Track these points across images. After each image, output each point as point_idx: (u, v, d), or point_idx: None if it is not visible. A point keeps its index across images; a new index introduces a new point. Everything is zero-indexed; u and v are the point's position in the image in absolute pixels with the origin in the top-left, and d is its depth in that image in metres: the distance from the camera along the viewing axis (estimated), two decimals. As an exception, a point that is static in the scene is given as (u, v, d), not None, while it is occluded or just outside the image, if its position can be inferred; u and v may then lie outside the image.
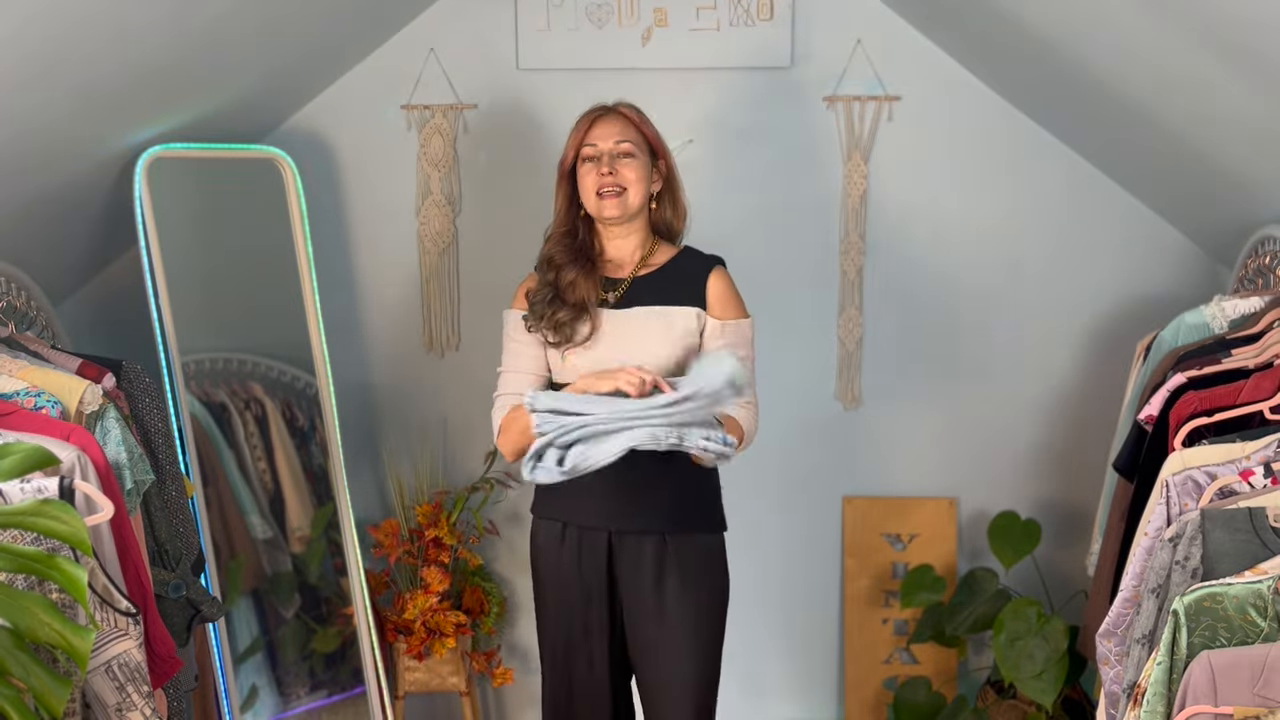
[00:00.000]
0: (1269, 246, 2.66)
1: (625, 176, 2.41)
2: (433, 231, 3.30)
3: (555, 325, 2.41)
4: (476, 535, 3.31)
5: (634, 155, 2.42)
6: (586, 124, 2.45)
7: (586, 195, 2.43)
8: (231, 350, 3.05)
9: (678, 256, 2.50)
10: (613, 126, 2.44)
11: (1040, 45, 2.76)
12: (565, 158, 2.47)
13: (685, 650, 2.44)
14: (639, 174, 2.42)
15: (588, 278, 2.43)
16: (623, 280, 2.47)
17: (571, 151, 2.45)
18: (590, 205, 2.43)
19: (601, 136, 2.43)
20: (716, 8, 3.19)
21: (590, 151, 2.42)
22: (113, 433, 2.08)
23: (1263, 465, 1.94)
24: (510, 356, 2.49)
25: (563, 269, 2.44)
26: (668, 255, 2.50)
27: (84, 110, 2.40)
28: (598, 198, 2.41)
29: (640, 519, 2.42)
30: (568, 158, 2.47)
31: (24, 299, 2.55)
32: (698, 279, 2.46)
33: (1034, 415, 3.35)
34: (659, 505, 2.41)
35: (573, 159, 2.45)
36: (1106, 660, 2.11)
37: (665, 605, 2.43)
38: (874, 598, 3.40)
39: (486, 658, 3.31)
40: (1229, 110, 2.43)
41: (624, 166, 2.41)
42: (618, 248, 2.48)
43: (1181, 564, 1.84)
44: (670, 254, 2.50)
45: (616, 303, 2.44)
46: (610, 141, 2.42)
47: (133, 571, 1.96)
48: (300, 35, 2.88)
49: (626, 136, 2.43)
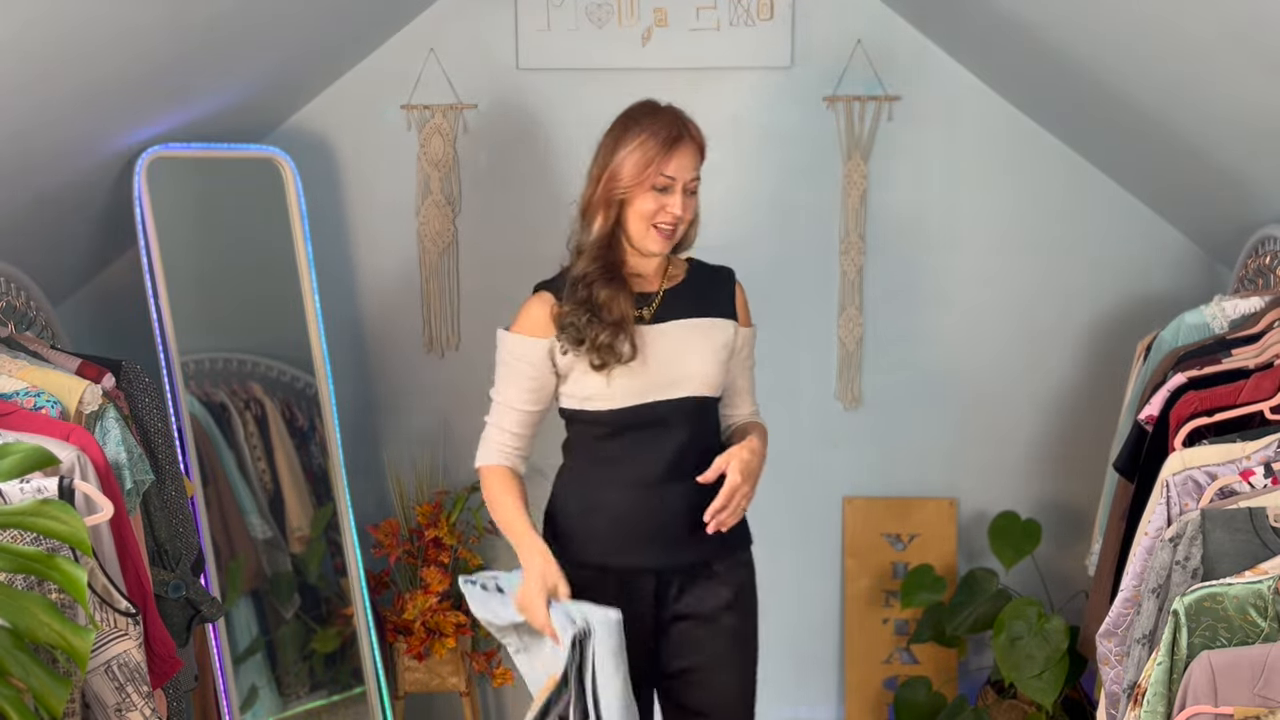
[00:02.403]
0: (1269, 246, 2.66)
1: (686, 218, 2.28)
2: (433, 231, 3.30)
3: (598, 347, 2.24)
4: (476, 535, 3.31)
5: (696, 192, 2.29)
6: (665, 150, 2.23)
7: (638, 220, 2.26)
8: (231, 350, 3.05)
9: (694, 267, 2.42)
10: (690, 158, 2.26)
11: (1040, 45, 2.76)
12: (633, 184, 2.24)
13: (733, 672, 2.38)
14: (694, 211, 2.31)
15: (621, 294, 2.27)
16: (653, 294, 2.35)
17: (645, 174, 2.23)
18: (638, 231, 2.27)
19: (681, 169, 2.24)
20: (716, 8, 3.19)
21: (664, 183, 2.23)
22: (112, 433, 2.08)
23: (1263, 465, 1.94)
24: (512, 386, 2.32)
25: (595, 286, 2.27)
26: (683, 266, 2.41)
27: (84, 110, 2.40)
28: (653, 229, 2.25)
29: (689, 553, 2.32)
30: (631, 178, 2.24)
31: (24, 299, 2.55)
32: (725, 290, 2.41)
33: (1034, 415, 3.35)
34: (704, 535, 2.29)
35: (638, 180, 2.24)
36: (1107, 660, 2.11)
37: (715, 631, 2.35)
38: (874, 598, 3.40)
39: (486, 658, 3.31)
40: (1229, 110, 2.43)
41: (687, 207, 2.27)
42: (644, 263, 2.35)
43: (1182, 564, 1.84)
44: (684, 265, 2.42)
45: (651, 318, 2.32)
46: (687, 175, 2.26)
47: (132, 571, 1.96)
48: (300, 35, 2.88)
49: (697, 171, 2.28)
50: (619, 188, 2.25)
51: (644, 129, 2.25)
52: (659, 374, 2.28)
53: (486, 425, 2.37)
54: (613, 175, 2.25)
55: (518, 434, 2.34)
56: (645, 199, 2.24)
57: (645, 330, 2.29)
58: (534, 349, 2.30)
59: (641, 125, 2.25)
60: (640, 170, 2.23)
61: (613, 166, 2.25)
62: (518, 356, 2.31)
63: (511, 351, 2.32)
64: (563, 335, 2.27)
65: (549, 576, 2.22)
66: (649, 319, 2.32)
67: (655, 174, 2.22)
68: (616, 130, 2.29)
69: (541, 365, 2.30)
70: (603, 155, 2.29)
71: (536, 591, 2.21)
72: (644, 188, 2.24)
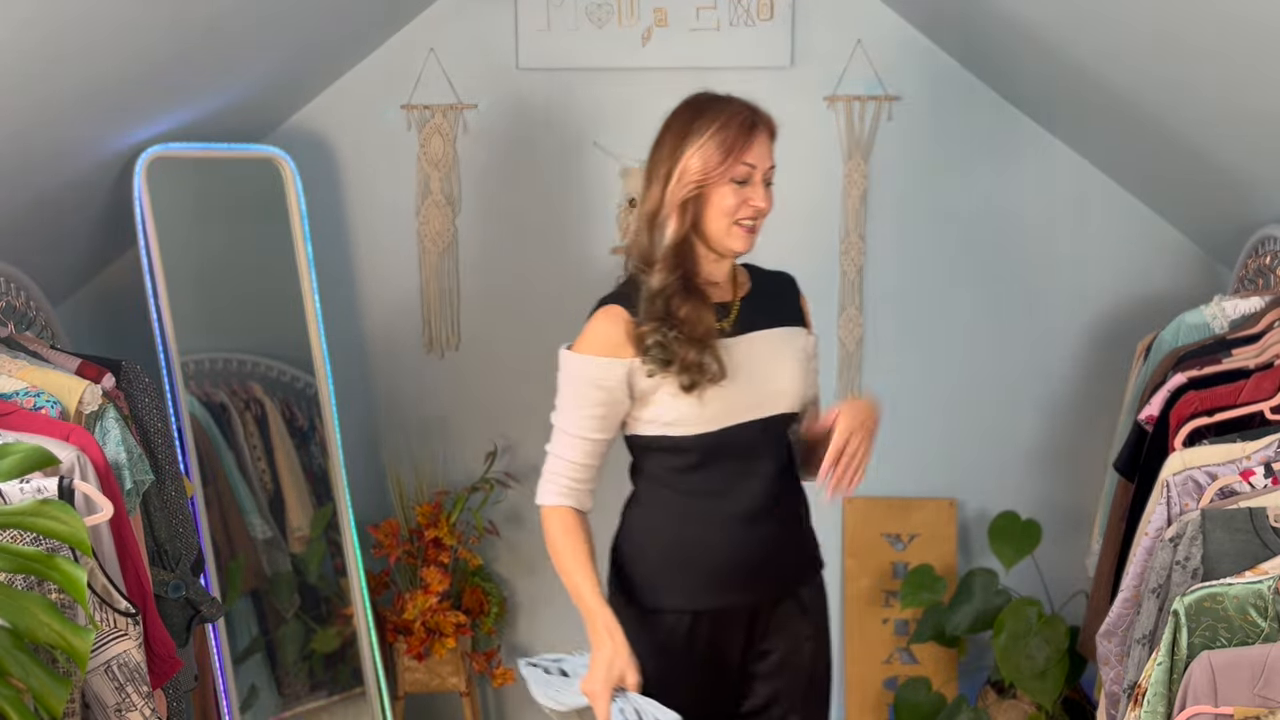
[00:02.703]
0: (1269, 246, 2.66)
1: (768, 209, 2.06)
2: (433, 231, 3.30)
3: (688, 366, 2.00)
4: (476, 535, 3.31)
5: (773, 182, 2.08)
6: (745, 137, 2.02)
7: (719, 218, 2.03)
8: (231, 350, 3.05)
9: (755, 274, 2.22)
10: (767, 145, 2.06)
11: (1040, 45, 2.76)
12: (709, 177, 2.01)
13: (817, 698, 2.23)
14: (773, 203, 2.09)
15: (702, 306, 2.05)
16: (729, 304, 2.12)
17: (723, 166, 2.01)
18: (719, 231, 2.04)
19: (761, 157, 2.03)
20: (716, 8, 3.19)
21: (744, 173, 2.01)
22: (112, 433, 2.08)
23: (1263, 465, 1.94)
24: (580, 412, 2.05)
25: (674, 300, 2.03)
26: (745, 273, 2.21)
27: (84, 110, 2.40)
28: (736, 227, 2.03)
29: (779, 587, 2.15)
30: (718, 169, 2.01)
31: (24, 299, 2.54)
32: (792, 296, 2.24)
33: (1034, 415, 3.35)
34: (791, 562, 2.16)
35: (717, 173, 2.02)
36: (1107, 660, 2.11)
37: (801, 660, 2.18)
38: (874, 598, 3.40)
39: (486, 658, 3.31)
40: (1229, 110, 2.43)
41: (770, 197, 2.06)
42: (716, 269, 2.12)
43: (1182, 564, 1.84)
44: (744, 272, 2.21)
45: (732, 329, 2.09)
46: (767, 164, 2.05)
47: (132, 572, 1.95)
48: (300, 35, 2.88)
49: (774, 160, 2.08)
50: (693, 185, 2.02)
51: (714, 118, 2.03)
52: (749, 391, 2.06)
53: (549, 457, 2.10)
54: (684, 172, 2.02)
55: (586, 465, 2.07)
56: (725, 194, 2.01)
57: (728, 344, 2.06)
58: (609, 371, 2.03)
59: (710, 114, 2.04)
60: (718, 162, 2.00)
61: (683, 163, 2.02)
62: (589, 380, 2.04)
63: (580, 375, 2.05)
64: (648, 356, 2.02)
65: (617, 664, 2.00)
66: (729, 331, 2.09)
67: (735, 164, 2.00)
68: (679, 123, 2.06)
69: (618, 389, 2.04)
70: (667, 153, 2.05)
71: (603, 681, 1.99)
72: (722, 181, 2.01)
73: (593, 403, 2.05)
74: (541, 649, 3.48)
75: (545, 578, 3.44)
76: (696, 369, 2.00)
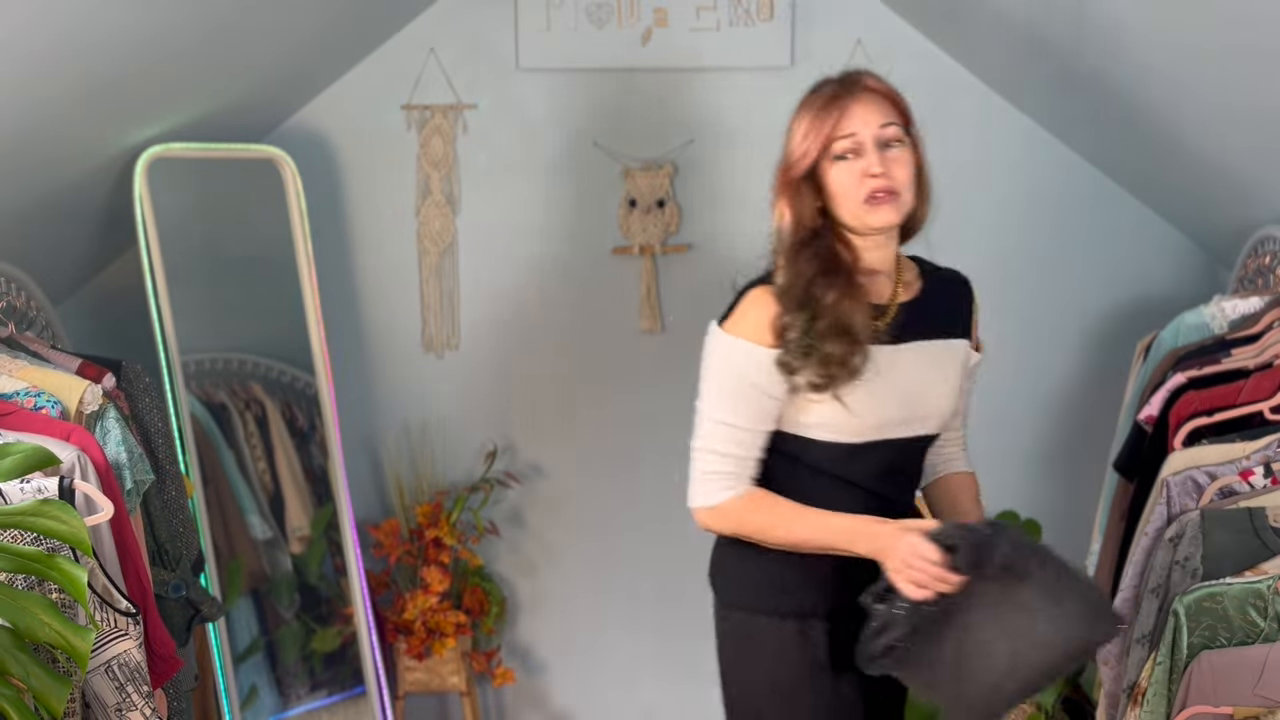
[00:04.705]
0: (1269, 246, 2.66)
1: (898, 176, 1.85)
2: (433, 231, 3.30)
3: (824, 361, 1.81)
4: (476, 535, 3.30)
5: (902, 142, 1.87)
6: (836, 109, 1.84)
7: (846, 200, 1.85)
8: (231, 350, 3.05)
9: (924, 271, 2.00)
10: (871, 107, 1.85)
11: (1040, 45, 2.76)
12: (805, 157, 1.85)
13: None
14: (909, 168, 1.87)
15: (854, 297, 1.84)
16: (886, 306, 1.92)
17: (817, 148, 1.85)
18: (852, 214, 1.85)
19: (862, 123, 1.84)
20: (716, 8, 3.19)
21: (847, 145, 1.84)
22: (113, 433, 2.08)
23: (1263, 465, 1.94)
24: (732, 401, 1.86)
25: (817, 285, 1.84)
26: (913, 269, 1.99)
27: (84, 110, 2.40)
28: (868, 204, 1.84)
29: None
30: (809, 157, 1.85)
31: (24, 299, 2.54)
32: (962, 301, 2.01)
33: (1034, 415, 3.35)
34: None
35: (817, 156, 1.86)
36: (1107, 660, 2.11)
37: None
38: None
39: (486, 658, 3.31)
40: (1229, 110, 2.43)
41: (894, 162, 1.85)
42: (877, 258, 1.91)
43: (1182, 564, 1.84)
44: (913, 268, 2.00)
45: (888, 335, 1.89)
46: (874, 128, 1.84)
47: (132, 571, 1.95)
48: (300, 35, 2.88)
49: (890, 118, 1.86)
50: (792, 169, 1.87)
51: (808, 100, 1.89)
52: (898, 406, 1.88)
53: (696, 454, 1.90)
54: (788, 156, 1.89)
55: (739, 457, 1.87)
56: (836, 172, 1.85)
57: (881, 351, 1.86)
58: (765, 360, 1.85)
59: (808, 96, 1.90)
60: (810, 138, 1.85)
61: (788, 149, 1.89)
62: (735, 364, 1.86)
63: (725, 354, 1.87)
64: (786, 348, 1.83)
65: (901, 536, 1.78)
66: (884, 337, 1.88)
67: (830, 138, 1.84)
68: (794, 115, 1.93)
69: (767, 380, 1.85)
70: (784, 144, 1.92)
71: (906, 549, 1.77)
72: (827, 159, 1.85)
73: (750, 387, 1.85)
74: (542, 649, 3.49)
75: (545, 578, 3.45)
76: (837, 365, 1.81)
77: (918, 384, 1.90)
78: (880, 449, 1.89)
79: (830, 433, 1.87)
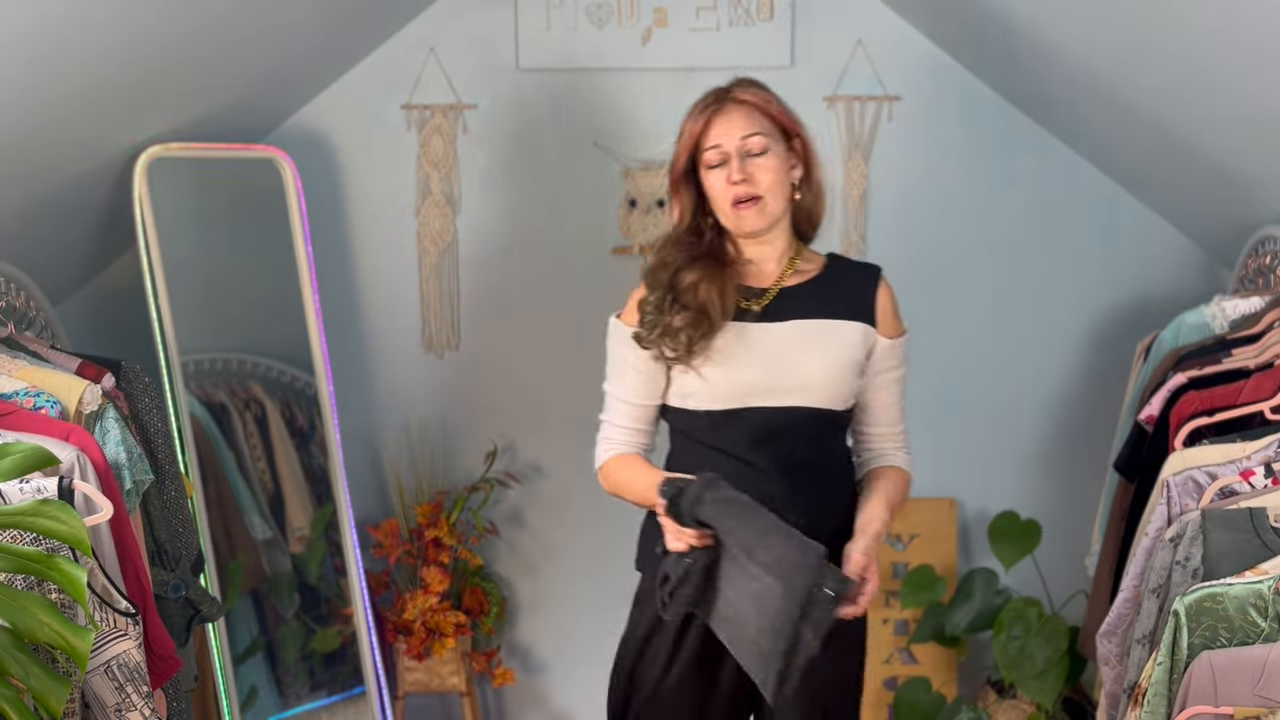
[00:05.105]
0: (1269, 246, 2.66)
1: (761, 181, 2.02)
2: (433, 231, 3.30)
3: (667, 331, 2.03)
4: (476, 535, 3.30)
5: (767, 151, 2.03)
6: (703, 119, 2.04)
7: (718, 204, 2.06)
8: (231, 350, 3.05)
9: (830, 263, 2.17)
10: (735, 119, 2.03)
11: (1040, 46, 2.76)
12: (677, 161, 2.08)
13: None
14: (777, 174, 2.04)
15: (714, 280, 2.05)
16: (768, 289, 2.11)
17: (685, 155, 2.07)
18: (726, 218, 2.07)
19: (724, 134, 2.02)
20: (716, 8, 3.19)
21: (714, 155, 2.03)
22: (112, 433, 2.08)
23: (1263, 465, 1.94)
24: (617, 378, 2.14)
25: (681, 271, 2.07)
26: (818, 261, 2.16)
27: (84, 110, 2.40)
28: (734, 210, 2.04)
29: None
30: (679, 161, 2.07)
31: (24, 299, 2.55)
32: (864, 290, 2.14)
33: (1034, 415, 3.35)
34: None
35: (686, 162, 2.07)
36: (1107, 660, 2.11)
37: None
38: (874, 598, 3.39)
39: (486, 658, 3.31)
40: (1229, 110, 2.43)
41: (758, 169, 2.02)
42: (761, 253, 2.12)
43: (1182, 564, 1.84)
44: (819, 260, 2.17)
45: (763, 313, 2.08)
46: (736, 139, 2.02)
47: (132, 572, 1.95)
48: (300, 35, 2.88)
49: (755, 128, 2.03)
50: (675, 175, 2.09)
51: (691, 107, 2.08)
52: (767, 377, 2.04)
53: (601, 425, 2.19)
54: (671, 167, 2.11)
55: (631, 429, 2.14)
56: (709, 178, 2.05)
57: (751, 327, 2.06)
58: (624, 336, 2.12)
59: (692, 105, 2.09)
60: (685, 150, 2.06)
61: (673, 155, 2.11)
62: (613, 341, 2.14)
63: (613, 340, 2.14)
64: (641, 323, 2.08)
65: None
66: (758, 314, 2.08)
67: (699, 147, 2.05)
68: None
69: (635, 355, 2.10)
70: None
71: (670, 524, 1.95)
72: (704, 168, 2.05)
73: (624, 362, 2.11)
74: (541, 649, 3.49)
75: (545, 578, 3.45)
76: (681, 334, 2.02)
77: (789, 357, 2.05)
78: (745, 417, 2.05)
79: (695, 402, 2.07)
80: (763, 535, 1.85)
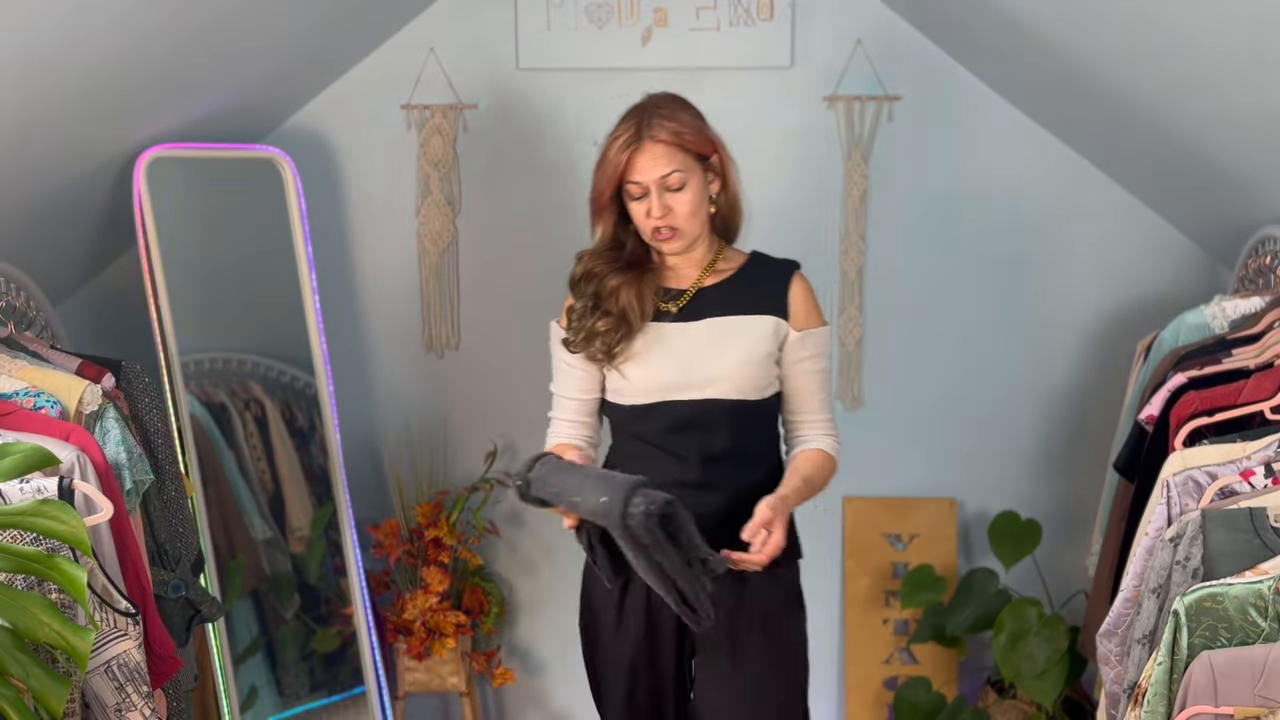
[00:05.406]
0: (1269, 246, 2.66)
1: (679, 214, 2.15)
2: (433, 231, 3.30)
3: (590, 335, 2.21)
4: (476, 535, 3.30)
5: (685, 185, 2.15)
6: (624, 156, 2.14)
7: (640, 228, 2.20)
8: (231, 350, 3.05)
9: (749, 262, 2.28)
10: (652, 159, 2.13)
11: (1040, 45, 2.76)
12: (603, 191, 2.19)
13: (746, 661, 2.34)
14: (693, 204, 2.16)
15: (632, 285, 2.21)
16: (685, 291, 2.25)
17: (609, 188, 2.18)
18: (647, 239, 2.21)
19: (645, 172, 2.14)
20: (716, 8, 3.19)
21: (635, 190, 2.16)
22: (112, 433, 2.08)
23: (1263, 465, 1.94)
24: (557, 376, 2.32)
25: (604, 278, 2.23)
26: (737, 261, 2.28)
27: (84, 111, 2.40)
28: (654, 238, 2.19)
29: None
30: (605, 192, 2.19)
31: (24, 299, 2.55)
32: (777, 285, 2.25)
33: (1034, 415, 3.35)
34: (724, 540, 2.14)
35: (611, 194, 2.19)
36: (1107, 660, 2.11)
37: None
38: (874, 598, 3.40)
39: (486, 658, 3.31)
40: (1229, 110, 2.43)
41: (677, 202, 2.15)
42: (680, 259, 2.26)
43: (1182, 564, 1.84)
44: (740, 259, 2.28)
45: (680, 313, 2.23)
46: (655, 176, 2.13)
47: (132, 572, 1.96)
48: (300, 35, 2.88)
49: (673, 166, 2.14)
50: (598, 198, 2.22)
51: (610, 138, 2.18)
52: (682, 373, 2.19)
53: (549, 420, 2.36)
54: (593, 187, 2.22)
55: (574, 421, 2.30)
56: (632, 206, 2.19)
57: (667, 327, 2.21)
58: (558, 339, 2.31)
59: (612, 131, 2.19)
60: (607, 184, 2.18)
61: (594, 178, 2.22)
62: (552, 344, 2.32)
63: (552, 342, 2.32)
64: (569, 327, 2.27)
65: None
66: (675, 314, 2.23)
67: (623, 184, 2.17)
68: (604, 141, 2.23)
69: (568, 355, 2.28)
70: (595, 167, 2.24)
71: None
72: (627, 197, 2.19)
73: (560, 361, 2.30)
74: (541, 649, 3.49)
75: (545, 578, 3.45)
76: (603, 338, 2.19)
77: (703, 353, 2.19)
78: (664, 409, 2.21)
79: (621, 397, 2.24)
80: (579, 490, 2.00)
